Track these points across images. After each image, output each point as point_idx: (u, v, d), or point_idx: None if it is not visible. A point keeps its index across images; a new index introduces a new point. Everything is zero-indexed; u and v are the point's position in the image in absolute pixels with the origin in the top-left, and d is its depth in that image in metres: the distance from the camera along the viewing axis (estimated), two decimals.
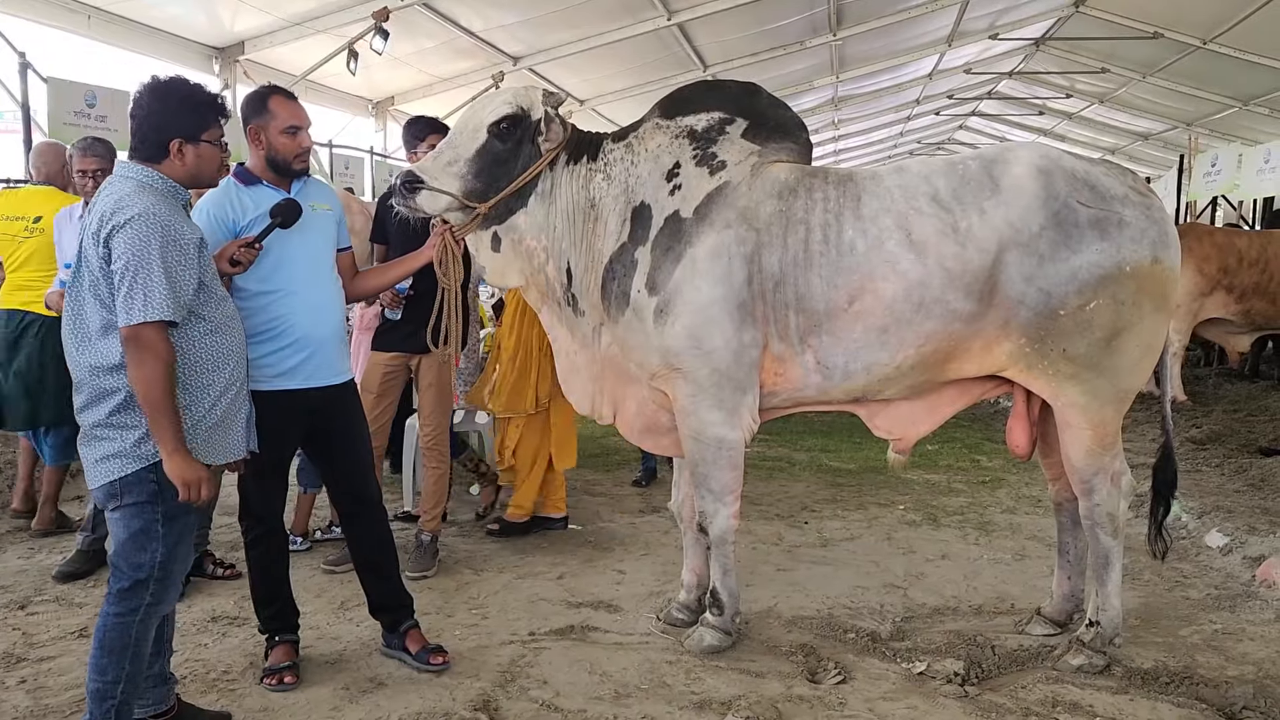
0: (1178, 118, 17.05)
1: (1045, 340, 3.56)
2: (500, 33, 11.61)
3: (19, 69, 8.03)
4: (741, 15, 11.98)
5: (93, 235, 2.75)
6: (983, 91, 19.92)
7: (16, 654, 3.75)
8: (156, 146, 2.88)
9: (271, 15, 9.97)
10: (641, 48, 12.59)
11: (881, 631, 4.09)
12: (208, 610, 4.19)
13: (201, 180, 3.03)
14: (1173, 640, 4.04)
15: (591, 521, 5.62)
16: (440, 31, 11.07)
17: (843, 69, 15.94)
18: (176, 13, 9.58)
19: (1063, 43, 14.95)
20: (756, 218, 3.64)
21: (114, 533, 2.87)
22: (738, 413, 3.71)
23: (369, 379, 4.73)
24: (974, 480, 6.63)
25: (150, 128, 2.88)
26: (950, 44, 15.23)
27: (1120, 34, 13.15)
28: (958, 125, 24.40)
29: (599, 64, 13.08)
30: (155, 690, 3.12)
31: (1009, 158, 3.64)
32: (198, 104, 2.95)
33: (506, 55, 12.25)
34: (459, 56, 12.15)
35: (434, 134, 4.58)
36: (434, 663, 3.67)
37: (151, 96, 2.90)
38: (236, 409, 3.02)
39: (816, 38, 13.58)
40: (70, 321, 2.82)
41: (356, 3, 9.86)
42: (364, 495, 3.74)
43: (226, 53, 10.50)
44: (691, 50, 13.16)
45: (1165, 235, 3.60)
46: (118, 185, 2.83)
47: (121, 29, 9.34)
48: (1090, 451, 3.68)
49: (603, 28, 11.76)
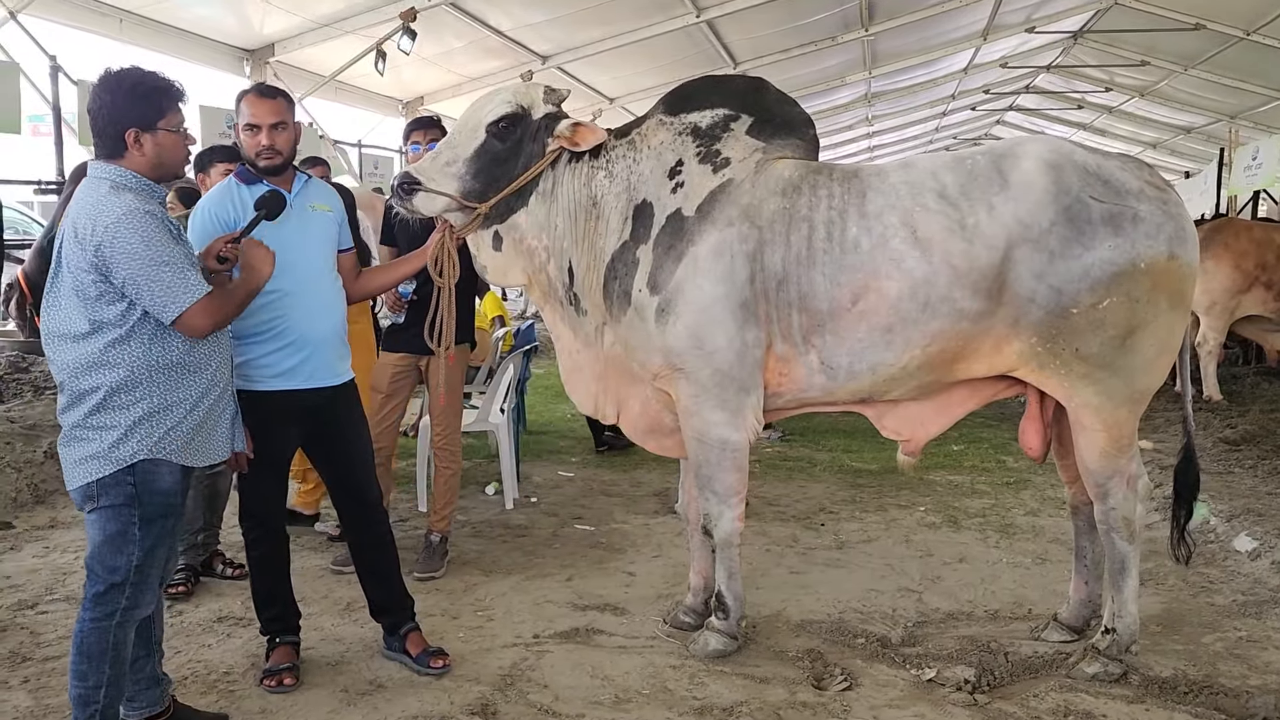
0: (1220, 111, 16.67)
1: (1057, 339, 3.46)
2: (528, 31, 11.61)
3: (50, 72, 8.16)
4: (771, 11, 11.89)
5: (75, 239, 2.74)
6: (1020, 86, 19.65)
7: (23, 653, 3.77)
8: (114, 140, 2.83)
9: (300, 16, 10.03)
10: (671, 45, 12.54)
11: (892, 637, 4.01)
12: (214, 611, 4.20)
13: (167, 170, 2.95)
14: (1194, 648, 3.92)
15: (604, 522, 5.57)
16: (469, 31, 11.10)
17: (875, 64, 15.78)
18: (207, 15, 9.68)
19: (1101, 35, 14.70)
20: (759, 215, 3.57)
21: (90, 535, 2.86)
22: (741, 413, 3.65)
23: (378, 379, 4.73)
24: (998, 482, 6.50)
25: (105, 121, 2.83)
26: (985, 38, 15.02)
27: (1160, 26, 12.86)
28: (995, 120, 24.08)
29: (628, 62, 13.05)
30: (148, 692, 3.11)
31: (1018, 152, 3.54)
32: (148, 91, 2.86)
33: (535, 54, 12.26)
34: (488, 56, 12.18)
35: (417, 130, 4.61)
36: (434, 666, 3.64)
37: (102, 89, 2.85)
38: (221, 410, 3.01)
39: (848, 33, 13.46)
40: (49, 322, 2.81)
41: (384, 3, 9.89)
42: (364, 497, 3.72)
43: (257, 55, 10.59)
44: (721, 47, 13.10)
45: (1182, 230, 3.48)
46: (93, 187, 2.81)
47: (153, 32, 9.45)
48: (1105, 453, 3.58)
49: (631, 25, 11.73)
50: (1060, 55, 16.64)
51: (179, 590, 4.31)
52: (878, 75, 16.45)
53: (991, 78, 18.88)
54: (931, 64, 16.71)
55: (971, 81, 18.92)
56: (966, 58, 16.67)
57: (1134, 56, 14.97)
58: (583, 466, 6.91)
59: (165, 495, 2.87)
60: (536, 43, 12.02)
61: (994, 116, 23.60)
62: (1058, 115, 21.75)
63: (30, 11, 8.09)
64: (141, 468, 2.80)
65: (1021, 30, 14.90)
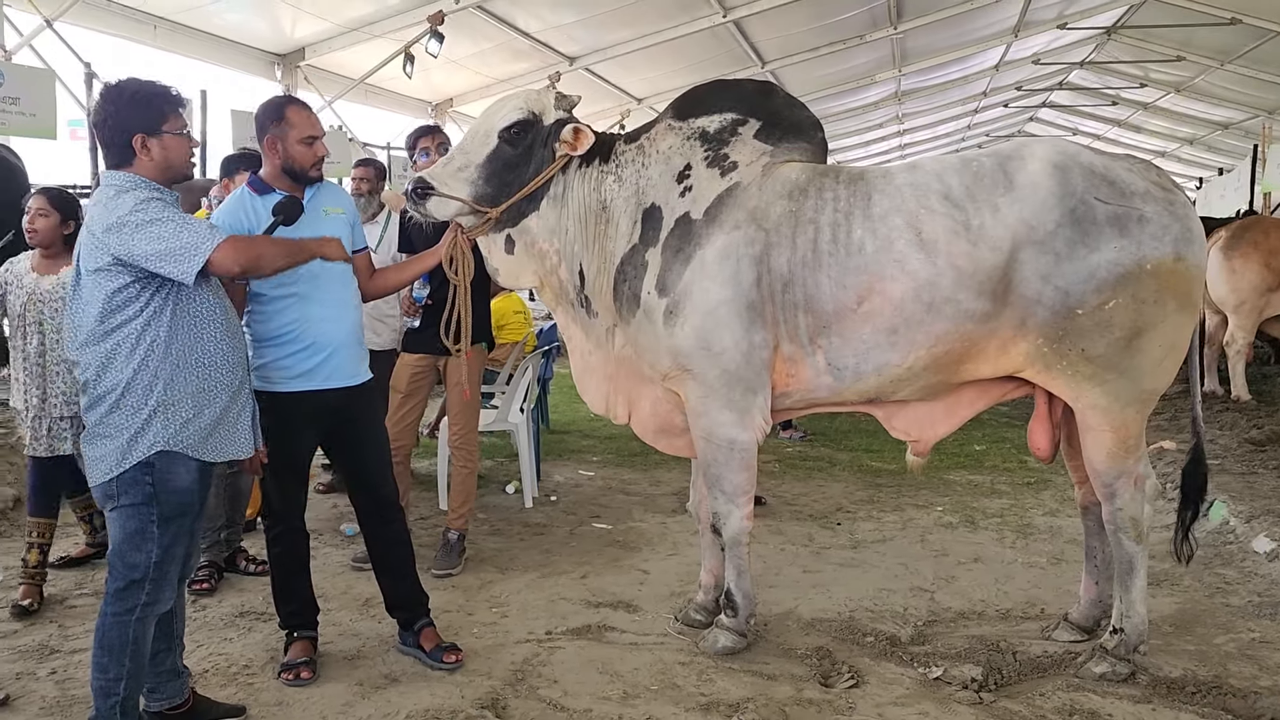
0: (1258, 106, 16.41)
1: (1063, 340, 3.48)
2: (556, 33, 11.68)
3: (84, 78, 8.32)
4: (799, 10, 11.88)
5: (90, 239, 2.86)
6: (1053, 83, 19.45)
7: (51, 645, 3.89)
8: (123, 148, 2.94)
9: (329, 21, 10.17)
10: (698, 45, 12.56)
11: (901, 635, 4.04)
12: (236, 606, 4.30)
13: (175, 172, 3.05)
14: (1206, 649, 3.92)
15: (622, 521, 5.63)
16: (496, 33, 11.18)
17: (905, 63, 15.69)
18: (238, 20, 9.84)
19: (1135, 31, 14.52)
20: (766, 218, 3.61)
21: (111, 533, 2.97)
22: (749, 414, 3.69)
23: (398, 379, 4.82)
24: (1018, 482, 6.50)
25: (112, 130, 2.95)
26: (1017, 35, 14.89)
27: (1195, 20, 12.71)
28: (1028, 118, 23.83)
29: (656, 62, 13.08)
30: (169, 684, 3.21)
31: (1024, 154, 3.56)
32: (149, 97, 2.97)
33: (563, 55, 12.33)
34: (516, 58, 12.25)
35: (424, 137, 4.70)
36: (447, 661, 3.72)
37: (105, 101, 2.97)
38: (240, 407, 3.10)
39: (877, 31, 13.41)
40: (70, 324, 2.92)
41: (412, 6, 10.00)
42: (380, 495, 3.80)
43: (288, 59, 10.75)
44: (749, 47, 13.10)
45: (1189, 232, 3.48)
46: (104, 193, 2.93)
47: (185, 38, 9.62)
48: (1112, 454, 3.58)
49: (659, 25, 11.76)
50: (1093, 51, 16.45)
51: (203, 587, 4.43)
52: (908, 73, 16.34)
53: (1024, 75, 18.70)
54: (962, 61, 16.58)
55: (1003, 79, 18.74)
56: (998, 54, 16.52)
57: (1169, 52, 14.79)
58: (603, 466, 6.98)
59: (182, 494, 2.96)
60: (564, 44, 12.09)
61: (1027, 114, 23.36)
62: (1091, 112, 21.50)
63: (66, 19, 8.27)
64: (159, 466, 2.89)
65: (1053, 26, 14.76)
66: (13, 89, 7.38)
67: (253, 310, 3.58)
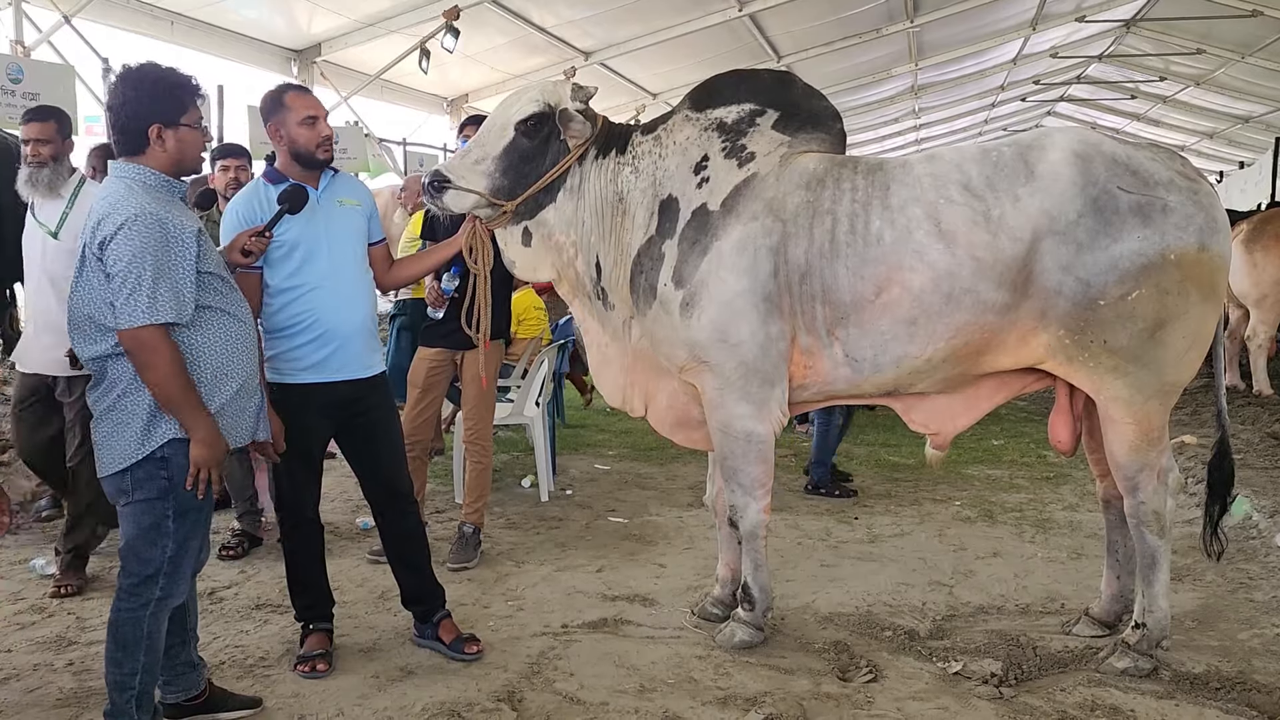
0: None
1: (1085, 332, 3.44)
2: (571, 28, 11.69)
3: (102, 74, 8.36)
4: (814, 4, 11.89)
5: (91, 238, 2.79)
6: (1071, 76, 19.33)
7: (69, 637, 3.90)
8: (137, 135, 2.85)
9: (346, 17, 10.21)
10: (713, 39, 12.56)
11: (920, 630, 4.00)
12: (253, 598, 4.31)
13: (186, 166, 2.98)
14: (1229, 644, 3.87)
15: (638, 515, 5.62)
16: (511, 29, 11.20)
17: (921, 56, 15.65)
18: (255, 17, 9.88)
19: (1154, 23, 14.43)
20: (783, 209, 3.58)
21: (124, 528, 2.92)
22: (766, 406, 3.67)
23: (415, 374, 4.81)
24: (1037, 476, 6.45)
25: (128, 116, 2.85)
26: (1034, 28, 14.83)
27: (1216, 13, 12.60)
28: (1045, 111, 23.71)
29: (671, 57, 13.08)
30: (184, 677, 3.20)
31: (1045, 143, 3.52)
32: (172, 86, 2.88)
33: (578, 50, 12.34)
34: (531, 53, 12.27)
35: (471, 125, 4.67)
36: (468, 652, 3.71)
37: (125, 85, 2.86)
38: (247, 396, 3.05)
39: (893, 25, 13.38)
40: (77, 317, 2.86)
41: (428, 2, 10.03)
42: (395, 488, 3.79)
43: (304, 55, 10.79)
44: (764, 41, 13.07)
45: (1213, 221, 3.44)
46: (111, 186, 2.85)
47: (202, 34, 9.67)
48: (1134, 447, 3.54)
49: (673, 20, 11.77)
50: (1112, 44, 16.36)
51: (231, 554, 4.67)
52: (924, 67, 16.31)
53: (1042, 68, 18.59)
54: (979, 55, 16.53)
55: (1021, 72, 18.66)
56: (1015, 48, 16.45)
57: (1189, 45, 14.69)
58: (619, 460, 6.97)
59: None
60: (579, 39, 12.10)
61: (1045, 107, 23.25)
62: (1110, 105, 21.38)
63: (84, 15, 8.33)
64: (174, 460, 2.84)
65: (1071, 19, 14.69)
66: (32, 85, 7.42)
67: (264, 301, 3.56)
